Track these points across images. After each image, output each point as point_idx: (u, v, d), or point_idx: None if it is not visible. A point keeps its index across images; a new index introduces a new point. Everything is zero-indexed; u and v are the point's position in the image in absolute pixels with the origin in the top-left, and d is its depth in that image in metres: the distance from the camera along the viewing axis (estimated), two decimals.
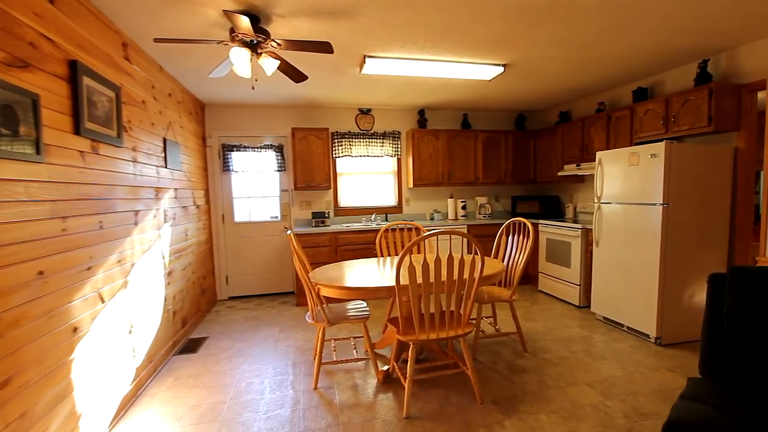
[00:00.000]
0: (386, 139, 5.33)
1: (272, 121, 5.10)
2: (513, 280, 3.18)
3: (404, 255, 2.24)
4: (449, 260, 2.30)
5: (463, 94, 4.64)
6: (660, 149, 3.10)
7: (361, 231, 4.77)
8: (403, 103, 5.09)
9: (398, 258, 2.26)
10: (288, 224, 5.22)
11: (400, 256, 2.25)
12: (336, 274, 2.86)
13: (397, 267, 2.27)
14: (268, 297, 5.18)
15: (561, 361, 3.03)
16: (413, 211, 5.57)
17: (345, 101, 4.94)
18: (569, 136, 4.78)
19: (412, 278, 2.27)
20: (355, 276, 2.78)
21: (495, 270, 2.77)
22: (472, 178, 5.38)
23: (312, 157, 4.91)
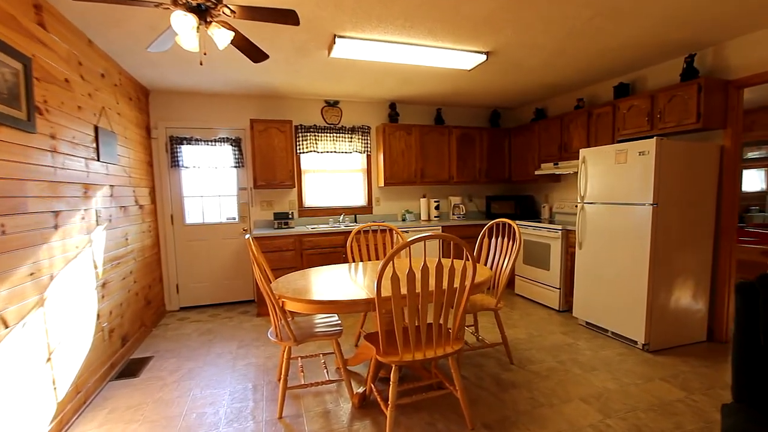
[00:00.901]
0: (355, 134, 4.96)
1: (228, 112, 4.59)
2: (498, 286, 2.92)
3: (387, 262, 1.90)
4: (438, 268, 1.98)
5: (439, 86, 4.35)
6: (650, 146, 2.94)
7: (329, 233, 4.37)
8: (373, 95, 4.74)
9: (380, 266, 1.91)
10: (247, 226, 4.73)
11: (383, 264, 1.90)
12: (303, 284, 2.47)
13: (378, 277, 1.92)
14: (226, 307, 4.66)
15: (550, 373, 2.79)
16: (384, 212, 5.23)
17: (310, 91, 4.52)
18: (547, 134, 4.62)
19: (395, 289, 1.93)
20: (325, 286, 2.40)
21: (484, 277, 2.48)
22: (446, 177, 5.12)
23: (274, 152, 4.46)
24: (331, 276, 2.70)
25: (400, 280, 2.00)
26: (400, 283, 1.95)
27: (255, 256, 2.24)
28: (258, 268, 2.20)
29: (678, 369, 2.79)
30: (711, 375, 2.70)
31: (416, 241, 1.89)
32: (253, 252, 2.27)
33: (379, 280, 1.93)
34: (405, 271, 2.69)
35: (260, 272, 2.20)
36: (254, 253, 2.27)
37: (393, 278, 1.93)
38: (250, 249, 2.27)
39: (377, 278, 1.93)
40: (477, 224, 4.91)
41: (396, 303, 1.96)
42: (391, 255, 1.89)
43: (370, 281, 2.51)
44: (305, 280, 2.61)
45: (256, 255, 2.27)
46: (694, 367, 2.82)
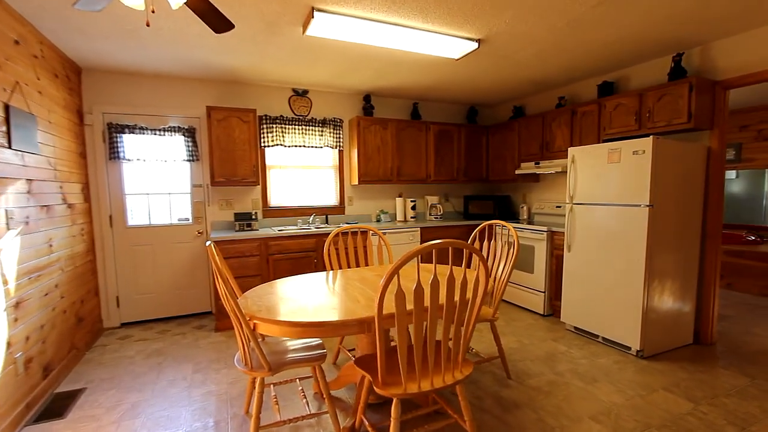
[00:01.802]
0: (326, 128, 4.55)
1: (181, 97, 4.01)
2: (496, 295, 2.66)
3: (393, 274, 1.55)
4: (450, 280, 1.66)
5: (421, 77, 4.05)
6: (646, 145, 2.81)
7: (299, 236, 3.94)
8: (348, 85, 4.35)
9: (384, 278, 1.56)
10: (202, 228, 4.17)
11: (387, 277, 1.55)
12: (276, 300, 2.06)
13: (381, 290, 1.57)
14: (178, 321, 4.08)
15: (551, 387, 2.58)
16: (357, 212, 4.86)
17: (278, 77, 4.06)
18: (527, 132, 4.47)
19: (400, 306, 1.59)
20: (304, 302, 2.01)
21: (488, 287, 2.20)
22: (424, 176, 4.84)
23: (234, 144, 3.94)
24: (308, 288, 2.30)
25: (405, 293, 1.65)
26: (404, 299, 1.61)
27: (219, 268, 1.81)
28: (223, 282, 1.77)
29: (677, 376, 2.69)
30: (710, 382, 2.61)
31: (427, 249, 1.56)
32: (217, 263, 1.83)
33: (382, 294, 1.58)
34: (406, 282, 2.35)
35: (225, 287, 1.77)
36: (218, 263, 1.84)
37: (399, 294, 1.59)
38: (213, 259, 1.84)
39: (380, 293, 1.58)
40: (456, 225, 4.68)
41: (401, 322, 1.62)
42: (398, 264, 1.54)
43: (360, 294, 2.14)
44: (278, 294, 2.19)
45: (219, 266, 1.83)
46: (691, 373, 2.73)
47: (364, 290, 2.23)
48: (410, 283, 2.32)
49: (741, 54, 2.92)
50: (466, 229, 4.73)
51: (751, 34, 2.86)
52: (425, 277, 2.49)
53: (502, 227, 3.08)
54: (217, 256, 1.87)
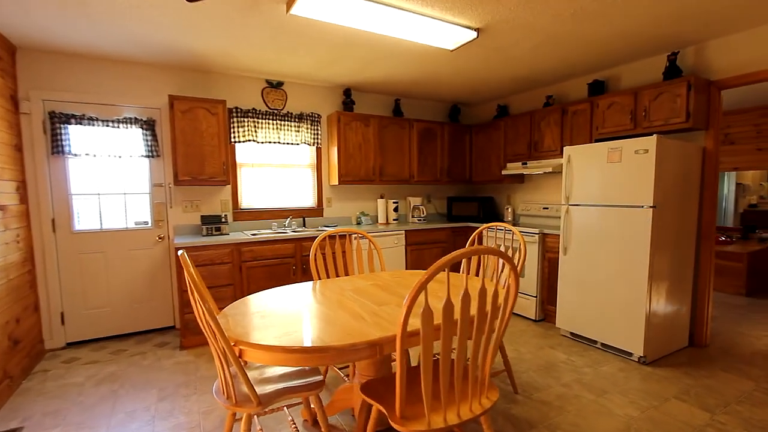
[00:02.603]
0: (303, 123, 4.21)
1: (139, 84, 3.54)
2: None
3: (422, 287, 1.29)
4: (482, 292, 1.42)
5: (407, 70, 3.81)
6: (650, 144, 2.72)
7: (275, 241, 3.58)
8: (327, 77, 4.04)
9: (412, 292, 1.30)
10: (164, 233, 3.71)
11: (416, 289, 1.29)
12: (262, 319, 1.73)
13: (408, 306, 1.30)
14: (136, 338, 3.59)
15: (562, 402, 2.40)
16: (336, 214, 4.55)
17: (251, 66, 3.68)
18: (514, 132, 4.34)
19: (427, 325, 1.33)
20: (297, 320, 1.70)
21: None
22: (407, 176, 4.61)
23: (201, 139, 3.53)
24: (298, 302, 1.99)
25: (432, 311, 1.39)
26: (431, 316, 1.35)
27: (194, 282, 1.47)
28: (200, 299, 1.44)
29: (684, 383, 2.60)
30: (717, 387, 2.54)
31: (459, 257, 1.31)
32: (192, 275, 1.49)
33: (408, 310, 1.31)
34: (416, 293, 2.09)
35: (203, 305, 1.43)
36: (193, 276, 1.49)
37: (426, 312, 1.33)
38: (187, 271, 1.49)
39: (406, 308, 1.31)
40: (441, 228, 4.47)
41: (428, 342, 1.36)
42: (429, 275, 1.28)
43: (362, 309, 1.85)
44: (264, 311, 1.86)
45: (196, 280, 1.49)
46: (696, 378, 2.65)
47: (365, 304, 1.94)
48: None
49: (737, 54, 2.90)
50: (450, 232, 4.54)
51: (749, 33, 2.84)
52: (438, 288, 2.24)
53: (504, 230, 2.88)
54: (192, 268, 1.53)
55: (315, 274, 2.60)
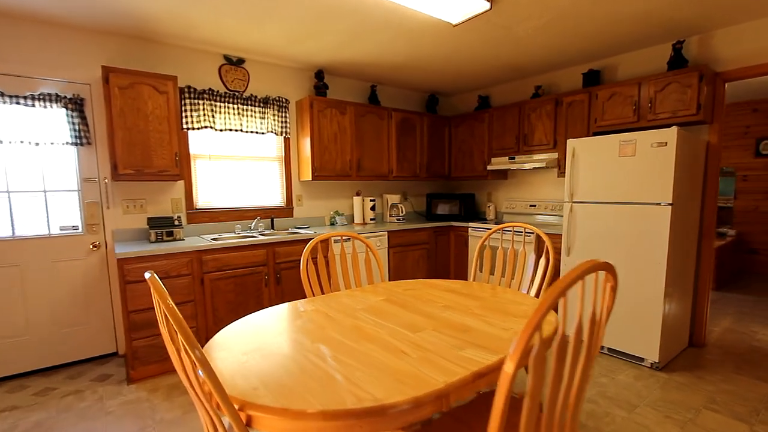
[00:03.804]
0: (270, 108, 3.63)
1: (61, 51, 2.79)
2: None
3: (547, 307, 0.90)
4: (597, 321, 1.06)
5: (395, 50, 3.39)
6: (669, 137, 2.55)
7: (243, 246, 3.01)
8: (298, 55, 3.50)
9: (536, 316, 0.90)
10: (100, 240, 2.98)
11: (542, 311, 0.89)
12: (266, 363, 1.25)
13: (528, 333, 0.90)
14: (67, 372, 2.84)
15: (595, 422, 2.15)
16: (307, 214, 4.02)
17: (205, 37, 3.06)
18: (500, 124, 4.09)
19: (542, 367, 0.95)
20: (314, 358, 1.23)
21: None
22: (385, 171, 4.19)
23: (147, 123, 2.86)
24: (301, 330, 1.51)
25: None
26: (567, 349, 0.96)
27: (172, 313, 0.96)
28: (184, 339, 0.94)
29: (705, 390, 2.46)
30: (739, 393, 2.42)
31: (585, 273, 0.94)
32: (169, 306, 0.98)
33: (523, 340, 0.91)
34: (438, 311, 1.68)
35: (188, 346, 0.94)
36: (174, 312, 0.98)
37: (557, 351, 0.94)
38: (161, 300, 0.98)
39: (518, 342, 0.91)
40: (423, 228, 4.11)
41: (536, 389, 0.97)
42: (560, 289, 0.89)
43: (395, 338, 1.42)
44: (259, 346, 1.37)
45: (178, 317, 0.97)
46: (714, 384, 2.53)
47: (394, 330, 1.52)
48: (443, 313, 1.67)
49: (743, 45, 2.82)
50: (433, 232, 4.21)
51: (756, 24, 2.77)
52: (472, 305, 1.86)
53: (524, 231, 2.58)
54: (169, 300, 1.01)
55: (308, 289, 2.11)
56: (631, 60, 3.40)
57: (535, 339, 0.91)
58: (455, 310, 1.74)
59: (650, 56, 3.29)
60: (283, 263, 3.19)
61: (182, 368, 1.08)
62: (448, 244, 4.35)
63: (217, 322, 2.92)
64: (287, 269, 3.22)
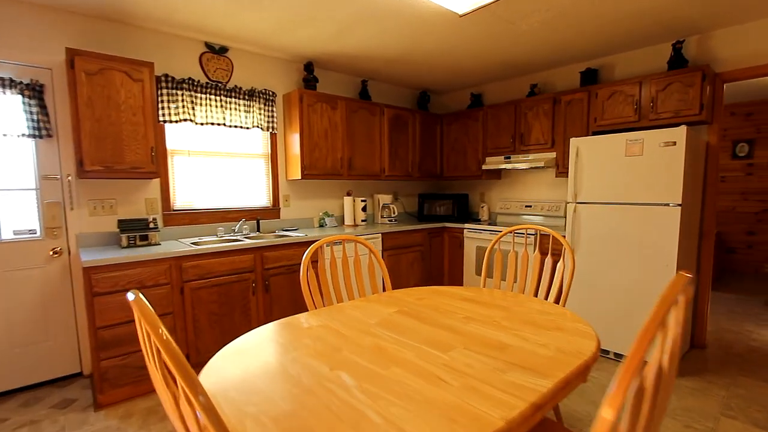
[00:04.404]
0: (255, 102, 3.37)
1: (16, 30, 2.44)
2: None
3: (654, 329, 0.73)
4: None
5: (392, 42, 3.20)
6: (679, 136, 2.48)
7: (228, 252, 2.75)
8: (287, 44, 3.26)
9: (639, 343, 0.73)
10: (62, 245, 2.64)
11: (648, 336, 0.72)
12: (282, 399, 1.03)
13: (629, 368, 0.73)
14: (22, 397, 2.49)
15: None
16: (295, 215, 3.78)
17: (185, 21, 2.78)
18: (495, 123, 3.98)
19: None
20: (339, 393, 1.03)
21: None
22: (377, 170, 4.00)
23: (119, 113, 2.55)
24: (310, 353, 1.30)
25: None
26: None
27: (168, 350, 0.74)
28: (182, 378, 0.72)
29: (718, 396, 2.40)
30: (753, 398, 2.37)
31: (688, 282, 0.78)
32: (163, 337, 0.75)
33: (626, 379, 0.76)
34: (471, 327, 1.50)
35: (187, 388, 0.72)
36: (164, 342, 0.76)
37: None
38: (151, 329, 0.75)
39: (621, 380, 0.74)
40: (417, 230, 3.94)
41: None
42: (662, 314, 0.73)
43: (427, 361, 1.23)
44: (270, 376, 1.15)
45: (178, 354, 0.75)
46: (725, 388, 2.48)
47: (421, 350, 1.33)
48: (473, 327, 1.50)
49: (742, 46, 2.81)
50: (426, 234, 4.05)
51: (756, 24, 2.75)
52: (488, 314, 1.70)
53: (537, 233, 2.44)
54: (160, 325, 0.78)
55: (309, 299, 1.89)
56: (628, 59, 3.35)
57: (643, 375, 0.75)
58: (480, 323, 1.57)
59: (647, 56, 3.25)
60: (272, 269, 2.95)
61: (179, 417, 0.85)
62: (442, 246, 4.21)
63: (199, 335, 2.64)
64: (276, 275, 2.98)
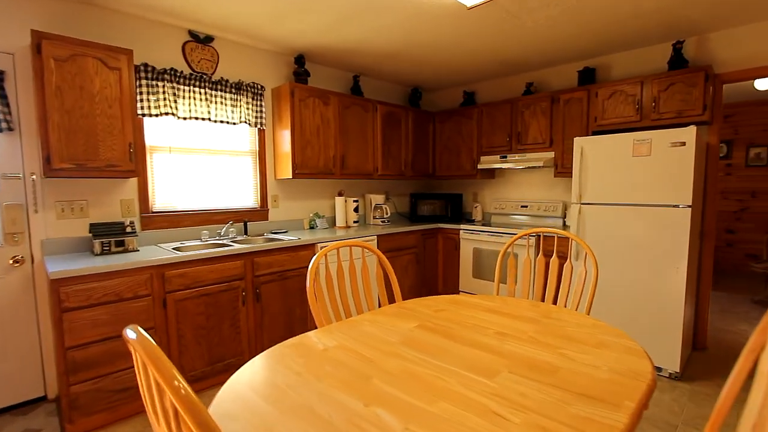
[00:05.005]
0: (243, 95, 3.13)
1: None
2: None
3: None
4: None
5: (391, 35, 3.02)
6: (688, 136, 2.45)
7: (216, 258, 2.51)
8: (278, 36, 3.04)
9: None
10: (24, 252, 2.34)
11: None
12: None
13: None
14: None
15: None
16: (283, 216, 3.55)
17: (170, 6, 2.52)
18: (490, 121, 3.88)
19: None
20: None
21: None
22: (370, 169, 3.83)
23: (92, 105, 2.27)
24: (336, 384, 1.13)
25: None
26: None
27: (187, 403, 0.56)
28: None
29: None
30: None
31: None
32: (183, 398, 0.57)
33: None
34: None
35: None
36: (186, 399, 0.57)
37: None
38: (169, 387, 0.57)
39: None
40: (411, 231, 3.79)
41: None
42: None
43: (473, 389, 1.08)
44: (296, 416, 0.98)
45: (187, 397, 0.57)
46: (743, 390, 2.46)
47: (464, 376, 1.18)
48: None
49: (740, 47, 2.81)
50: (420, 235, 3.91)
51: (754, 27, 2.76)
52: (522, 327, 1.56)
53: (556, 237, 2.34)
54: (176, 375, 0.60)
55: (318, 315, 1.71)
56: (625, 59, 3.33)
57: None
58: (515, 339, 1.44)
59: (645, 56, 3.23)
60: (263, 276, 2.73)
61: None
62: (436, 247, 4.08)
63: (184, 351, 2.40)
64: (267, 283, 2.76)
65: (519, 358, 1.29)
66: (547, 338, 1.45)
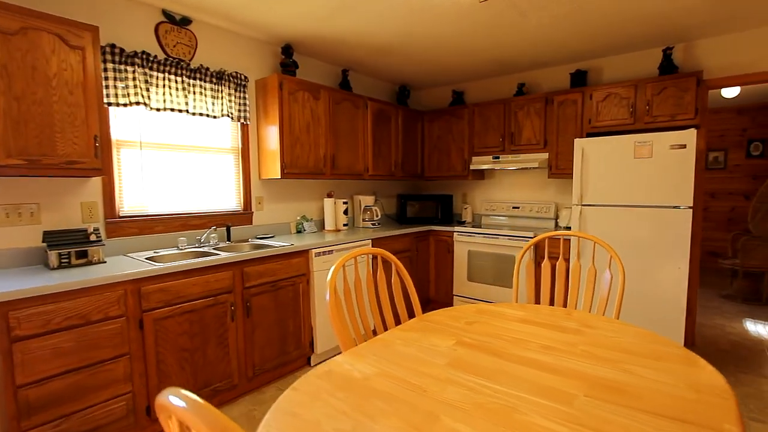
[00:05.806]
0: (224, 86, 2.83)
1: None
2: None
3: None
4: None
5: (392, 27, 2.82)
6: (688, 138, 2.47)
7: (201, 269, 2.21)
8: (266, 21, 2.76)
9: None
10: None
11: None
12: None
13: None
14: None
15: None
16: (269, 220, 3.26)
17: None
18: (483, 121, 3.80)
19: None
20: None
21: None
22: (361, 169, 3.62)
23: (47, 90, 1.91)
24: (388, 417, 0.94)
25: None
26: None
27: None
28: None
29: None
30: (764, 396, 2.42)
31: None
32: None
33: None
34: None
35: None
36: None
37: None
38: None
39: None
40: (404, 234, 3.61)
41: None
42: None
43: (561, 425, 0.94)
44: None
45: None
46: (734, 387, 2.51)
47: (539, 404, 1.02)
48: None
49: (727, 55, 2.90)
50: (413, 238, 3.75)
51: (741, 35, 2.86)
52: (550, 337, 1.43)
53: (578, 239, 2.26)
54: None
55: (342, 335, 1.49)
56: (616, 63, 3.37)
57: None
58: (567, 354, 1.31)
59: (635, 60, 3.28)
60: (253, 287, 2.45)
61: None
62: (428, 250, 3.94)
63: (165, 379, 2.08)
64: (258, 294, 2.49)
65: (585, 378, 1.16)
66: (601, 351, 1.33)
